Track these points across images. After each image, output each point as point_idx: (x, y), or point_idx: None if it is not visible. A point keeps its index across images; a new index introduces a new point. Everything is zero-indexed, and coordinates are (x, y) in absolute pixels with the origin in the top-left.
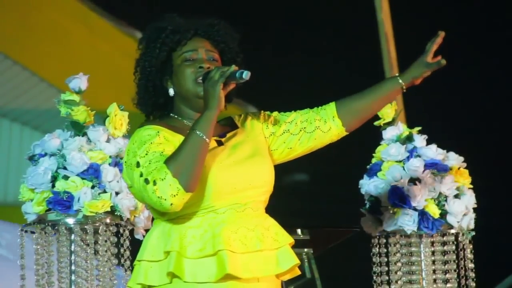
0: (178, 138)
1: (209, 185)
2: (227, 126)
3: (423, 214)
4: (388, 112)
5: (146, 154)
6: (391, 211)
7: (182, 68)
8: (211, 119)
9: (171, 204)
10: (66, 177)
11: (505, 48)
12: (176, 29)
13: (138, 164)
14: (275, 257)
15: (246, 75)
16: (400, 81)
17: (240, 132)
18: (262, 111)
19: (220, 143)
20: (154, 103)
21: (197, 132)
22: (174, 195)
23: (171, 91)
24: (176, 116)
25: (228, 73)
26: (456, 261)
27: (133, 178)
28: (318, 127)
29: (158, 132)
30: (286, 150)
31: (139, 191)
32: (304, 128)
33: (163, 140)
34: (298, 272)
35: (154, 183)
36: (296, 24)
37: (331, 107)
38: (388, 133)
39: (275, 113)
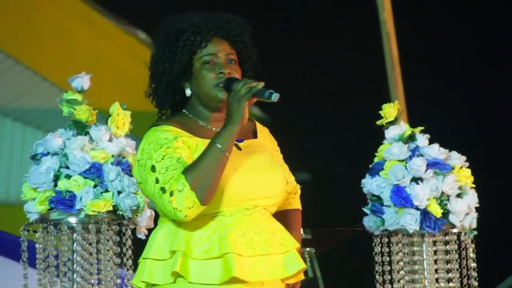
0: (195, 141)
1: (222, 190)
2: (247, 130)
3: (425, 214)
4: (390, 111)
5: (163, 159)
6: (393, 211)
7: (202, 73)
8: (233, 134)
9: (185, 216)
10: (68, 176)
11: (508, 47)
12: (196, 30)
13: (153, 169)
14: (282, 261)
15: (275, 97)
16: None
17: (257, 143)
18: (279, 152)
19: (238, 148)
20: (171, 102)
21: (219, 146)
22: (190, 208)
23: (188, 92)
24: (190, 115)
25: (255, 90)
26: (459, 261)
27: (147, 181)
28: None
29: (176, 137)
30: None
31: (152, 195)
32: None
33: (180, 144)
34: (303, 277)
35: (171, 194)
36: (296, 23)
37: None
38: (391, 132)
39: (285, 166)
